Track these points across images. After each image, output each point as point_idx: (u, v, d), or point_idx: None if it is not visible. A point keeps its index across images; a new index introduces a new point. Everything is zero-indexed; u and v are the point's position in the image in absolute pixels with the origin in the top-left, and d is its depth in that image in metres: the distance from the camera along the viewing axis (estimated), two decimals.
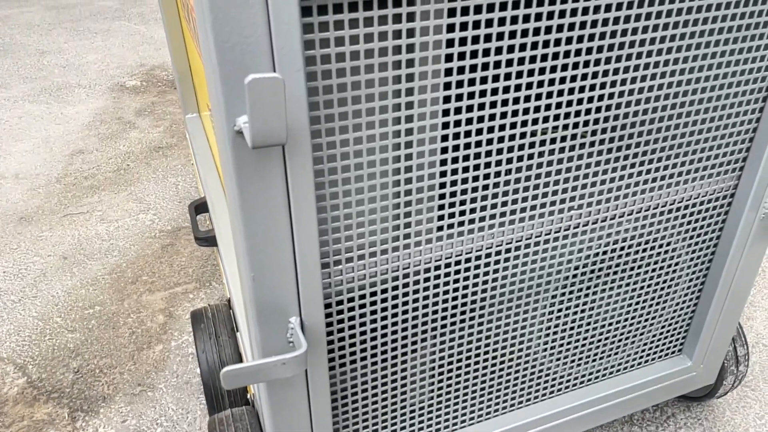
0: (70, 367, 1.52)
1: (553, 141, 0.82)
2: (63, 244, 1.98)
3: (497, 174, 0.82)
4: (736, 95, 0.90)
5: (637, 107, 0.84)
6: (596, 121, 0.83)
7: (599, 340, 1.08)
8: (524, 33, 0.72)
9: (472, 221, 0.84)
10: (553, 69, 0.76)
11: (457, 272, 0.87)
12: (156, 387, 1.47)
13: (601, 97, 0.81)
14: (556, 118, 0.79)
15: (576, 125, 0.82)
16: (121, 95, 3.13)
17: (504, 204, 0.84)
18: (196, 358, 1.53)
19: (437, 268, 0.85)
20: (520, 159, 0.81)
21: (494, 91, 0.74)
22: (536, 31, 0.72)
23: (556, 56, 0.75)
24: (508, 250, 0.89)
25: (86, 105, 3.00)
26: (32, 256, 1.92)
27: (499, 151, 0.79)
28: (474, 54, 0.71)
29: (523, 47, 0.73)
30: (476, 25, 0.70)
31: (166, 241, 1.98)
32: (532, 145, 0.81)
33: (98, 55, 3.70)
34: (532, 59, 0.74)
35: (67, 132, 2.72)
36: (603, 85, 0.80)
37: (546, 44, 0.73)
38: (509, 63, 0.74)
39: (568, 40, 0.74)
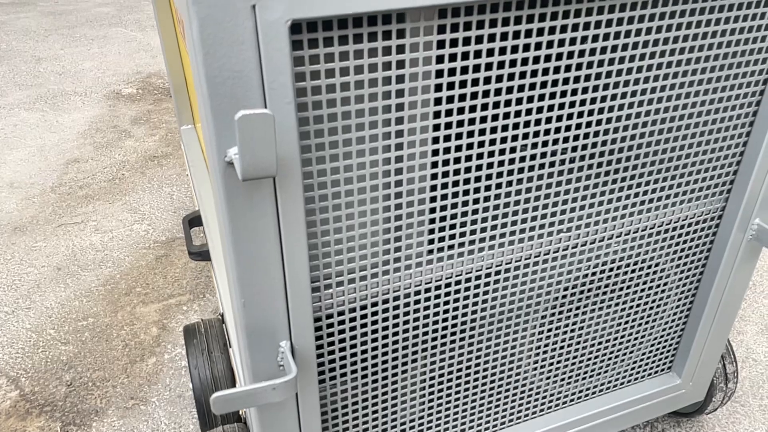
0: (63, 380, 1.52)
1: (542, 166, 0.83)
2: (57, 254, 1.98)
3: (486, 198, 0.82)
4: (723, 120, 0.91)
5: (625, 133, 0.85)
6: (584, 147, 0.84)
7: (589, 359, 1.09)
8: (512, 63, 0.73)
9: (462, 244, 0.85)
10: (541, 97, 0.77)
11: (447, 294, 0.88)
12: (149, 401, 1.47)
13: (589, 123, 0.83)
14: (545, 143, 0.80)
15: (565, 150, 0.83)
16: (117, 103, 3.13)
17: (494, 227, 0.85)
18: (188, 372, 1.53)
19: (427, 290, 0.86)
20: (509, 183, 0.82)
21: (483, 119, 0.75)
22: (524, 61, 0.73)
23: (544, 85, 0.76)
24: (497, 272, 0.90)
25: (82, 113, 3.00)
26: (26, 267, 1.92)
27: (489, 177, 0.80)
28: (463, 84, 0.72)
29: (511, 76, 0.74)
30: (465, 56, 0.71)
31: (161, 252, 1.98)
32: (521, 170, 0.82)
33: (94, 62, 3.71)
34: (520, 88, 0.75)
35: (62, 140, 2.73)
36: (591, 112, 0.81)
37: (534, 73, 0.75)
38: (498, 92, 0.75)
39: (556, 69, 0.75)
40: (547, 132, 0.80)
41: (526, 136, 0.78)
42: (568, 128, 0.81)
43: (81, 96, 3.21)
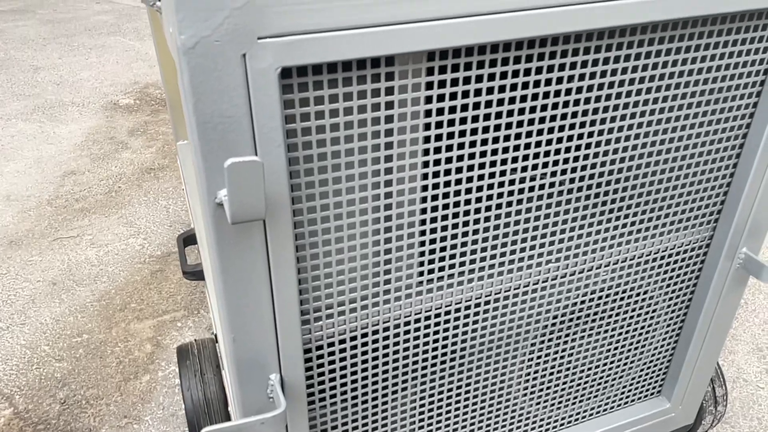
0: (57, 398, 1.53)
1: (530, 199, 0.84)
2: (52, 269, 1.98)
3: (475, 231, 0.84)
4: (710, 152, 0.92)
5: (613, 166, 0.86)
6: (572, 180, 0.85)
7: (578, 384, 1.10)
8: (500, 102, 0.74)
9: (452, 275, 0.86)
10: (529, 134, 0.78)
11: (438, 324, 0.89)
12: (142, 419, 1.47)
13: (577, 158, 0.84)
14: (533, 177, 0.82)
15: (554, 183, 0.84)
16: (114, 114, 3.14)
17: (482, 259, 0.86)
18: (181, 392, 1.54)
19: (417, 320, 0.87)
20: (497, 216, 0.83)
21: (471, 156, 0.76)
22: (511, 100, 0.74)
23: (531, 122, 0.77)
24: (487, 303, 0.91)
25: (79, 124, 3.02)
26: (21, 282, 1.93)
27: (477, 210, 0.81)
28: (451, 122, 0.74)
29: (499, 115, 0.75)
30: (453, 96, 0.72)
31: (156, 266, 1.99)
32: (509, 203, 0.83)
33: (92, 72, 3.72)
34: (508, 125, 0.76)
35: (59, 152, 2.73)
36: (579, 147, 0.82)
37: (522, 111, 0.76)
38: (485, 129, 0.76)
39: (543, 107, 0.76)
40: (535, 167, 0.81)
41: (514, 170, 0.79)
42: (556, 162, 0.82)
43: (78, 106, 3.22)
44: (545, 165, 0.82)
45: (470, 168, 0.77)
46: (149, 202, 2.35)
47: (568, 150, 0.81)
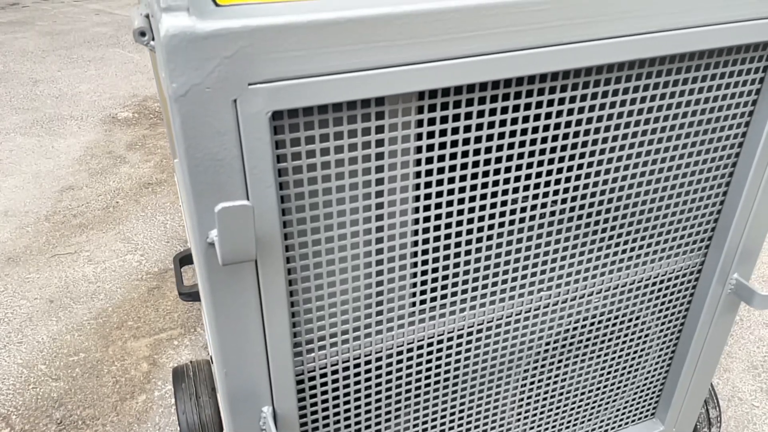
0: (53, 418, 1.53)
1: (521, 230, 0.85)
2: (50, 286, 1.99)
3: (467, 262, 0.84)
4: (700, 181, 0.93)
5: (602, 197, 0.87)
6: (562, 211, 0.86)
7: (572, 408, 1.11)
8: (489, 137, 0.75)
9: (443, 305, 0.86)
10: (518, 167, 0.79)
11: (430, 353, 0.90)
12: None
13: (566, 189, 0.85)
14: (523, 209, 0.82)
15: (544, 214, 0.85)
16: (113, 127, 3.15)
17: (474, 289, 0.87)
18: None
19: (410, 350, 0.88)
20: (488, 248, 0.84)
21: (461, 189, 0.77)
22: (501, 135, 0.75)
23: (521, 156, 0.78)
24: (479, 331, 0.91)
25: (78, 138, 3.03)
26: (19, 299, 1.93)
27: (468, 242, 0.82)
28: (442, 158, 0.74)
29: (488, 150, 0.76)
30: (443, 132, 0.73)
31: (153, 283, 1.99)
32: (500, 234, 0.84)
33: (91, 85, 3.73)
34: (498, 159, 0.77)
35: (57, 167, 2.74)
36: (569, 178, 0.83)
37: (511, 146, 0.77)
38: (475, 164, 0.77)
39: (533, 141, 0.77)
40: (525, 198, 0.82)
41: (504, 203, 0.80)
42: (546, 194, 0.83)
43: (77, 120, 3.23)
44: (535, 197, 0.82)
45: (461, 201, 0.78)
46: (147, 218, 2.36)
47: (558, 182, 0.82)
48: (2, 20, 5.20)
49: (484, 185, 0.77)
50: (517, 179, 0.79)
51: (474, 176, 0.77)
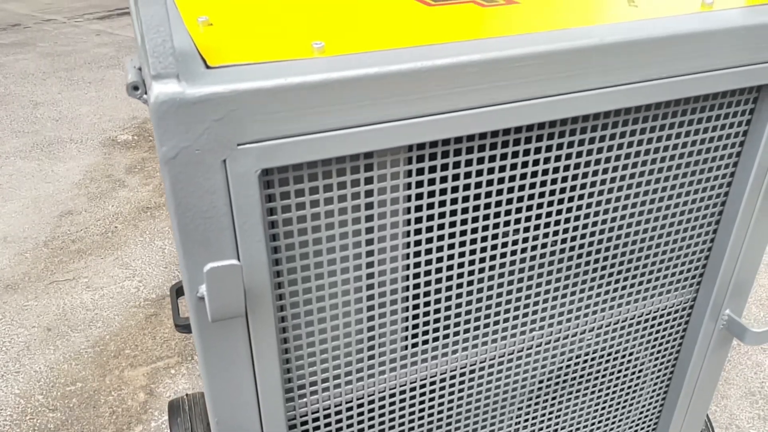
0: None
1: (511, 272, 0.85)
2: (48, 314, 1.99)
3: (458, 305, 0.85)
4: (690, 220, 0.94)
5: (593, 238, 0.88)
6: (552, 253, 0.87)
7: None
8: (477, 185, 0.76)
9: (435, 348, 0.87)
10: (508, 212, 0.79)
11: (423, 394, 0.90)
12: None
13: (556, 232, 0.85)
14: (513, 252, 0.83)
15: (534, 256, 0.86)
16: (113, 151, 3.17)
17: (466, 331, 0.87)
18: None
19: (402, 392, 0.88)
20: (479, 290, 0.85)
21: (452, 235, 0.78)
22: (489, 182, 0.76)
23: (510, 201, 0.79)
24: (472, 371, 0.92)
25: (77, 161, 3.04)
26: (17, 328, 1.94)
27: (459, 285, 0.83)
28: (431, 206, 0.75)
29: (477, 196, 0.77)
30: (431, 182, 0.74)
31: (150, 310, 2.00)
32: (491, 277, 0.85)
33: (91, 107, 3.76)
34: (487, 205, 0.78)
35: (56, 191, 2.76)
36: (565, 220, 0.84)
37: (499, 192, 0.77)
38: (464, 210, 0.77)
39: (521, 187, 0.78)
40: (516, 242, 0.82)
41: (494, 246, 0.81)
42: (536, 237, 0.84)
43: (77, 143, 3.25)
44: (525, 240, 0.83)
45: (451, 246, 0.79)
46: (145, 243, 2.37)
47: (547, 225, 0.83)
48: (4, 41, 5.24)
49: (474, 230, 0.78)
50: (507, 224, 0.80)
51: (464, 222, 0.78)
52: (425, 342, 0.86)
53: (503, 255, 0.83)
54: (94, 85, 4.15)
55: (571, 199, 0.82)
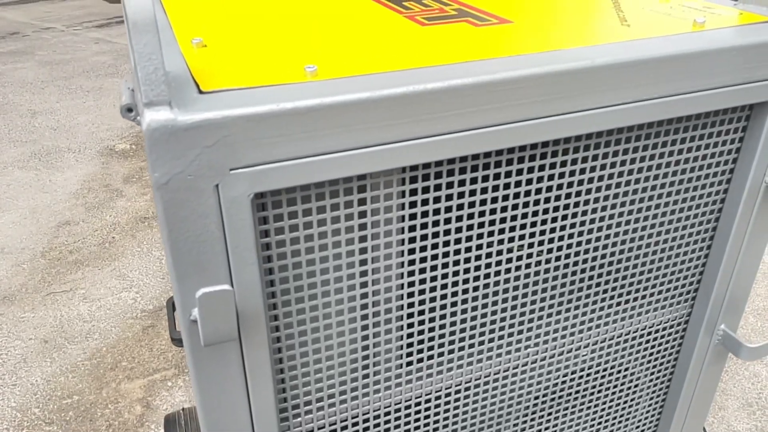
0: None
1: (505, 290, 0.85)
2: (45, 326, 1.99)
3: (452, 323, 0.85)
4: (684, 236, 0.94)
5: (587, 255, 0.88)
6: (546, 270, 0.87)
7: None
8: (471, 204, 0.76)
9: (430, 366, 0.87)
10: (501, 230, 0.80)
11: (418, 412, 0.90)
12: None
13: (551, 250, 0.85)
14: (506, 269, 0.83)
15: (528, 274, 0.86)
16: (110, 160, 3.18)
17: (461, 348, 0.88)
18: None
19: (398, 410, 0.88)
20: (474, 308, 0.85)
21: (446, 253, 0.78)
22: (482, 202, 0.76)
23: (503, 220, 0.79)
24: (467, 388, 0.92)
25: (75, 171, 3.04)
26: (13, 340, 1.93)
27: (453, 303, 0.83)
28: (424, 225, 0.75)
29: (470, 216, 0.77)
30: (425, 202, 0.74)
31: (147, 322, 2.00)
32: (484, 294, 0.85)
33: (89, 116, 3.76)
34: (480, 225, 0.78)
35: (54, 201, 2.76)
36: (551, 240, 0.84)
37: (493, 211, 0.78)
38: (458, 230, 0.78)
39: (514, 206, 0.78)
40: (509, 260, 0.83)
41: (488, 265, 0.81)
42: (530, 255, 0.84)
43: (75, 153, 3.25)
44: (519, 258, 0.83)
45: (445, 265, 0.79)
46: (142, 253, 2.36)
47: (541, 243, 0.83)
48: (3, 50, 5.25)
49: (468, 249, 0.78)
50: (500, 242, 0.80)
51: (458, 241, 0.78)
52: (420, 360, 0.86)
53: (497, 273, 0.83)
54: (92, 94, 4.16)
55: (564, 217, 0.82)
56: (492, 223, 0.78)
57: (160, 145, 0.54)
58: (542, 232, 0.83)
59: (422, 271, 0.78)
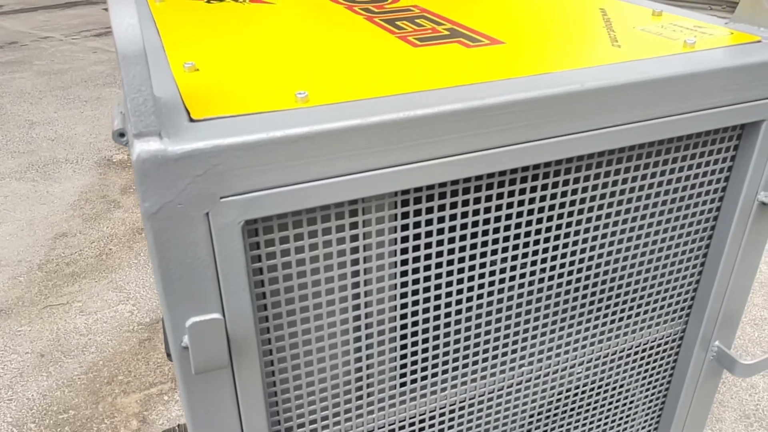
0: None
1: (498, 309, 0.85)
2: (41, 339, 1.98)
3: (446, 343, 0.85)
4: (677, 254, 0.94)
5: (580, 274, 0.88)
6: (539, 290, 0.87)
7: None
8: (463, 226, 0.76)
9: (424, 387, 0.86)
10: (494, 251, 0.80)
11: (412, 431, 0.90)
12: None
13: (543, 269, 0.86)
14: (500, 289, 0.83)
15: (522, 293, 0.86)
16: (108, 171, 3.18)
17: (455, 369, 0.87)
18: None
19: (392, 431, 0.88)
20: (467, 329, 0.85)
21: (438, 275, 0.78)
22: (474, 224, 0.76)
23: (496, 241, 0.80)
24: (461, 408, 0.92)
25: (72, 182, 3.04)
26: (10, 354, 1.93)
27: (447, 324, 0.83)
28: (416, 248, 0.75)
29: (463, 237, 0.77)
30: (417, 224, 0.74)
31: (144, 335, 1.99)
32: (479, 315, 0.85)
33: (87, 126, 3.77)
34: (473, 246, 0.78)
35: (51, 212, 2.76)
36: (544, 260, 0.84)
37: (485, 232, 0.78)
38: (450, 251, 0.78)
39: (506, 227, 0.79)
40: (502, 281, 0.83)
41: (482, 285, 0.81)
42: (523, 275, 0.84)
43: (72, 163, 3.26)
44: (512, 278, 0.83)
45: (438, 287, 0.79)
46: (139, 265, 2.36)
47: (533, 264, 0.83)
48: (1, 60, 5.26)
49: (461, 270, 0.78)
50: (493, 263, 0.80)
51: (450, 263, 0.78)
52: (414, 381, 0.86)
53: (491, 293, 0.83)
54: (90, 104, 4.16)
55: (557, 237, 0.83)
56: (485, 244, 0.78)
57: (150, 175, 0.54)
58: (536, 252, 0.83)
59: (415, 292, 0.78)
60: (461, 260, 0.79)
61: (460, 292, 0.81)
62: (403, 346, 0.83)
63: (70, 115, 3.97)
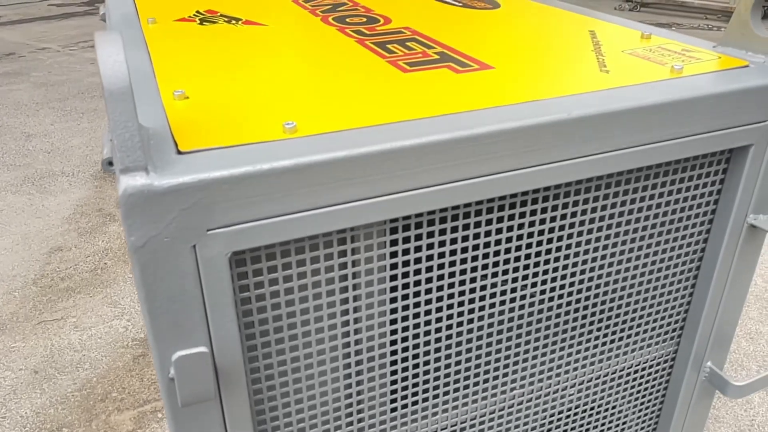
0: None
1: (489, 333, 0.85)
2: (35, 356, 1.98)
3: (437, 368, 0.85)
4: (668, 276, 0.94)
5: (571, 297, 0.88)
6: (530, 313, 0.87)
7: None
8: (452, 252, 0.76)
9: (415, 411, 0.86)
10: (484, 276, 0.80)
11: None
12: None
13: (533, 293, 0.86)
14: (491, 312, 0.83)
15: (513, 316, 0.86)
16: (104, 183, 3.18)
17: (446, 393, 0.87)
18: None
19: None
20: (458, 353, 0.85)
21: (428, 301, 0.78)
22: (464, 249, 0.77)
23: (485, 267, 0.80)
24: (453, 430, 0.91)
25: (68, 195, 3.04)
26: (3, 370, 1.92)
27: (438, 349, 0.83)
28: (406, 274, 0.75)
29: (452, 263, 0.77)
30: (406, 251, 0.74)
31: (138, 351, 1.99)
32: (469, 340, 0.85)
33: (83, 139, 3.77)
34: (463, 271, 0.78)
35: (47, 226, 2.75)
36: (534, 283, 0.84)
37: (475, 258, 0.78)
38: (440, 277, 0.78)
39: (496, 252, 0.79)
40: (492, 305, 0.83)
41: (472, 308, 0.81)
42: (514, 299, 0.84)
43: (68, 176, 3.25)
44: (503, 303, 0.83)
45: (428, 312, 0.79)
46: (134, 280, 2.36)
47: (524, 287, 0.83)
48: None
49: (450, 296, 0.78)
50: (483, 288, 0.80)
51: (440, 288, 0.78)
52: (404, 406, 0.85)
53: (481, 318, 0.83)
54: (86, 116, 4.16)
55: (547, 261, 0.83)
56: (474, 269, 0.78)
57: (136, 209, 0.54)
58: (526, 276, 0.83)
59: (405, 318, 0.78)
60: (451, 285, 0.79)
61: (450, 317, 0.81)
62: (394, 372, 0.82)
63: (66, 127, 3.97)
